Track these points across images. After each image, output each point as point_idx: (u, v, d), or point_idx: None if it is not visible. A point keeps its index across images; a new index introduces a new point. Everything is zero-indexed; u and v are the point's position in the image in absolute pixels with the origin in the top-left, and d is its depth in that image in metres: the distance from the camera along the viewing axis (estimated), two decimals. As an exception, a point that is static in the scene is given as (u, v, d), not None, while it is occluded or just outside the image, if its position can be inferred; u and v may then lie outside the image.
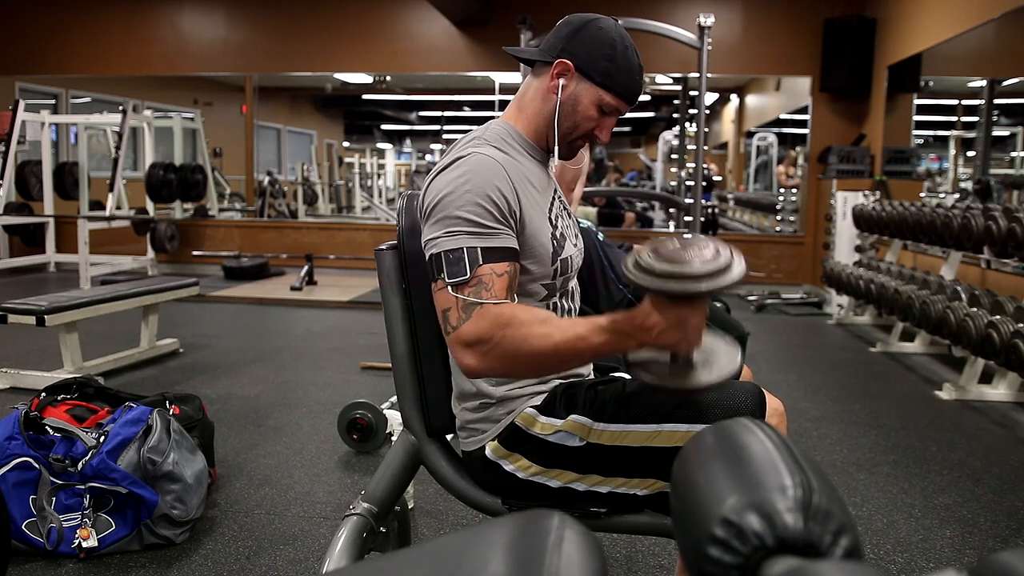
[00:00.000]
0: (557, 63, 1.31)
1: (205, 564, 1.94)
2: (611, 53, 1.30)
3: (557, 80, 1.32)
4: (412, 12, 7.47)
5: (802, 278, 7.08)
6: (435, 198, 1.24)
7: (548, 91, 1.34)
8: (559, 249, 1.34)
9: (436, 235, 1.23)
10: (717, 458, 0.63)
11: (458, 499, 1.45)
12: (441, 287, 1.22)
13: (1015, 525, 2.26)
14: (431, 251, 1.24)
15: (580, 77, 1.31)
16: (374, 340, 4.56)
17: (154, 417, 2.09)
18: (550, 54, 1.33)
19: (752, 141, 10.15)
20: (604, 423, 1.29)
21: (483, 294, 1.19)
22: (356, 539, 1.36)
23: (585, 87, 1.32)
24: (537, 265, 1.30)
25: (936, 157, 7.72)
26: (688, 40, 4.85)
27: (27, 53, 8.02)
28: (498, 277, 1.21)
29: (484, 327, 1.17)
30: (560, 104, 1.33)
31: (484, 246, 1.21)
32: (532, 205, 1.30)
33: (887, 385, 3.83)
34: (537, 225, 1.30)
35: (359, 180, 10.97)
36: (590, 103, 1.32)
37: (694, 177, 4.99)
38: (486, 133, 1.35)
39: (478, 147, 1.29)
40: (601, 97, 1.32)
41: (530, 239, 1.29)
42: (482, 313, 1.18)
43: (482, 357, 1.18)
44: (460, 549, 0.52)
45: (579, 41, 1.31)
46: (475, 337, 1.17)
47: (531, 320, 1.17)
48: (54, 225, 7.29)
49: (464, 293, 1.19)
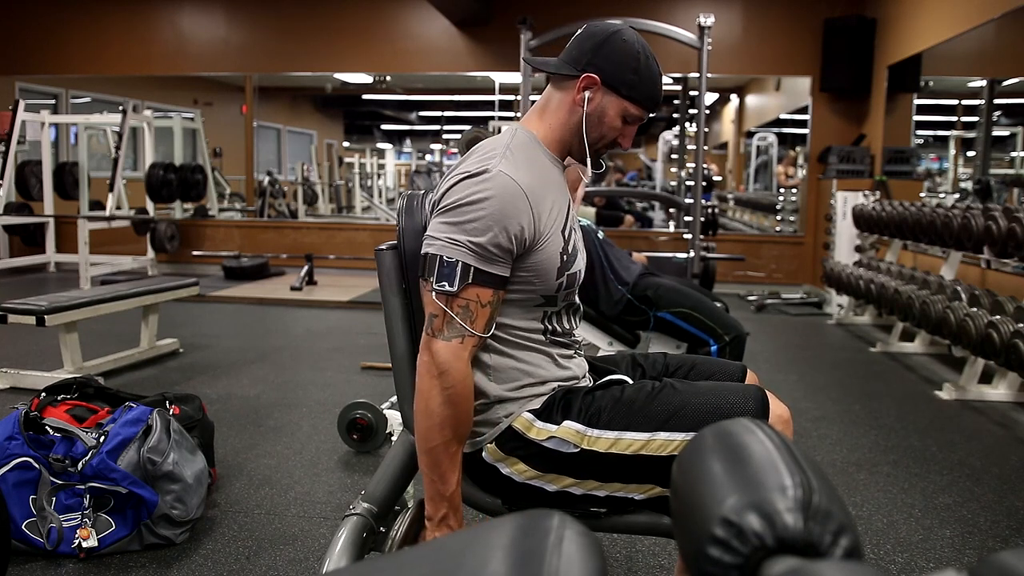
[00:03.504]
0: (584, 77, 1.32)
1: (205, 564, 1.94)
2: (636, 66, 1.32)
3: (583, 93, 1.34)
4: (412, 12, 7.46)
5: (802, 278, 7.08)
6: (454, 202, 1.25)
7: (574, 103, 1.35)
8: (568, 264, 1.34)
9: (439, 237, 1.24)
10: (717, 458, 0.63)
11: (458, 499, 1.44)
12: (427, 289, 1.26)
13: (1015, 525, 2.26)
14: (428, 249, 1.25)
15: (606, 90, 1.33)
16: (374, 340, 4.56)
17: (154, 417, 2.09)
18: (575, 67, 1.34)
19: (752, 141, 10.15)
20: (599, 430, 1.29)
21: (468, 323, 1.24)
22: (356, 539, 1.36)
23: (611, 99, 1.34)
24: (540, 279, 1.31)
25: (936, 157, 7.72)
26: (688, 40, 4.85)
27: (27, 53, 8.02)
28: (482, 308, 1.25)
29: (452, 365, 1.24)
30: (587, 116, 1.35)
31: (479, 267, 1.23)
32: (550, 223, 1.31)
33: (887, 385, 3.83)
34: (553, 244, 1.31)
35: (359, 180, 10.97)
36: (616, 114, 1.35)
37: (694, 177, 4.99)
38: (513, 142, 1.34)
39: (507, 165, 1.27)
40: (626, 108, 1.35)
41: (542, 255, 1.30)
42: (460, 353, 1.24)
43: (431, 377, 1.24)
44: (460, 549, 0.52)
45: (605, 55, 1.32)
46: (443, 364, 1.24)
47: (466, 413, 1.27)
48: (54, 225, 7.29)
49: (452, 309, 1.23)
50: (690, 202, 5.04)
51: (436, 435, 1.25)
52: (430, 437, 1.26)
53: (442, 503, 1.29)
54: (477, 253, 1.22)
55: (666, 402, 1.30)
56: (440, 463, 1.27)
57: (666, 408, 1.29)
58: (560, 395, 1.34)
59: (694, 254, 4.90)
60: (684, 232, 5.96)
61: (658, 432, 1.27)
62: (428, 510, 1.31)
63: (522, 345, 1.35)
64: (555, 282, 1.32)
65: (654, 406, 1.29)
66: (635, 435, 1.28)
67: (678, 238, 6.73)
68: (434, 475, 1.28)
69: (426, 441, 1.27)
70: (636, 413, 1.29)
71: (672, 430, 1.27)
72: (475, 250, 1.22)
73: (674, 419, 1.27)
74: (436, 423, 1.25)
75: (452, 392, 1.24)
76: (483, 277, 1.24)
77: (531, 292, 1.32)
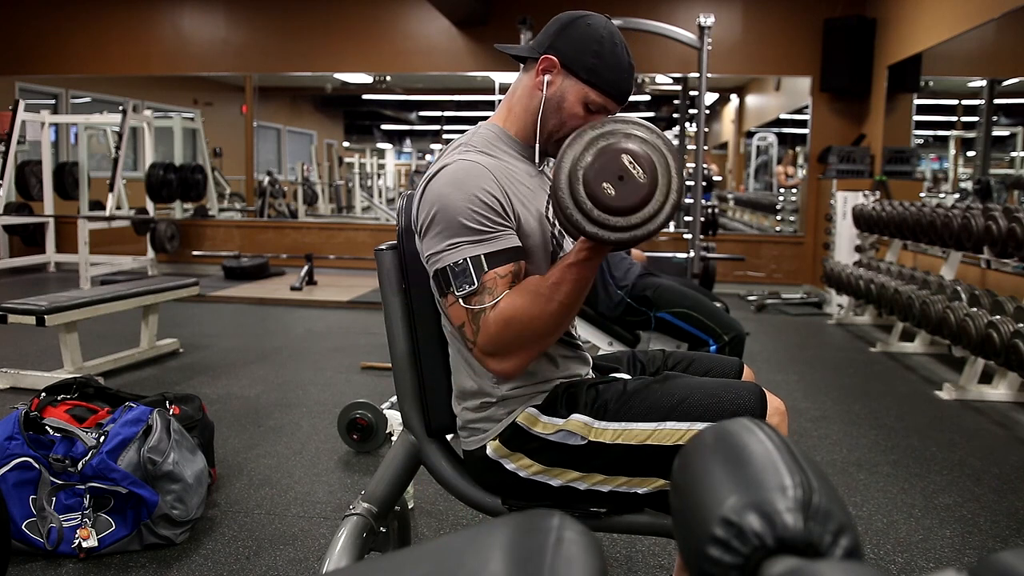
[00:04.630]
0: (542, 59, 1.30)
1: (205, 564, 1.94)
2: (598, 49, 1.28)
3: (542, 76, 1.31)
4: (412, 12, 7.47)
5: (802, 278, 7.08)
6: (429, 212, 1.24)
7: (534, 88, 1.32)
8: (558, 248, 1.34)
9: (438, 249, 1.23)
10: (717, 458, 0.63)
11: (458, 499, 1.45)
12: (452, 302, 1.22)
13: (1015, 525, 2.26)
14: (436, 267, 1.23)
15: (566, 73, 1.30)
16: (374, 340, 4.56)
17: (154, 417, 2.09)
18: (537, 50, 1.31)
19: (752, 141, 10.15)
20: (605, 422, 1.29)
21: (486, 299, 1.20)
22: (356, 539, 1.36)
23: (571, 84, 1.30)
24: (533, 265, 1.30)
25: (936, 157, 7.73)
26: (688, 40, 4.85)
27: (27, 53, 8.02)
28: (501, 279, 1.21)
29: (492, 333, 1.19)
30: (545, 101, 1.31)
31: (486, 252, 1.21)
32: (524, 205, 1.29)
33: (887, 385, 3.83)
34: (532, 226, 1.30)
35: (359, 180, 10.97)
36: (576, 100, 1.30)
37: (694, 177, 4.99)
38: (472, 139, 1.34)
39: (463, 154, 1.28)
40: (587, 94, 1.30)
41: (530, 242, 1.29)
42: (486, 321, 1.20)
43: (506, 360, 1.21)
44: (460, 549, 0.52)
45: (566, 37, 1.29)
46: (491, 346, 1.20)
47: (527, 302, 1.20)
48: (54, 225, 7.29)
49: (472, 304, 1.21)
50: (690, 202, 5.05)
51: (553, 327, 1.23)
52: (561, 327, 1.25)
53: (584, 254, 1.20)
54: (476, 240, 1.21)
55: (671, 393, 1.30)
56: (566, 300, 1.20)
57: (671, 398, 1.29)
58: (563, 389, 1.34)
59: (694, 254, 4.90)
60: (684, 232, 5.96)
61: (664, 422, 1.27)
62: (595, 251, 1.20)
63: None
64: (548, 266, 1.31)
65: (659, 396, 1.30)
66: (642, 425, 1.28)
67: (678, 238, 6.73)
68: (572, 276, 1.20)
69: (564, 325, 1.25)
70: (642, 404, 1.29)
71: (678, 419, 1.27)
72: (473, 238, 1.21)
73: (679, 408, 1.28)
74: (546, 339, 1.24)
75: (516, 343, 1.21)
76: (495, 258, 1.21)
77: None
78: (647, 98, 10.21)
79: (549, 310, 1.19)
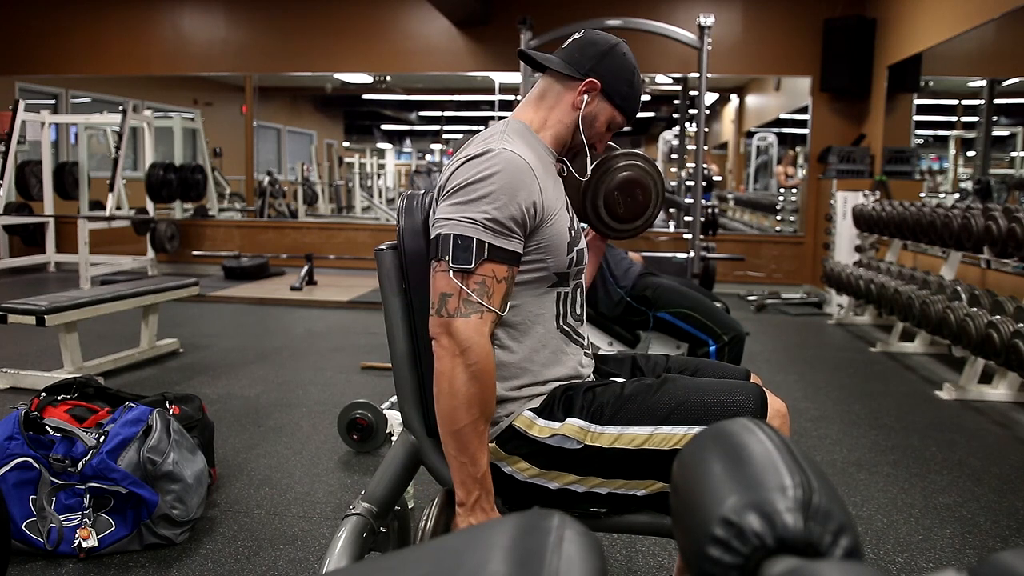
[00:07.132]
0: (588, 82, 1.40)
1: (205, 564, 1.94)
2: (631, 79, 1.43)
3: (583, 96, 1.40)
4: (412, 12, 7.47)
5: (802, 278, 7.08)
6: (461, 182, 1.26)
7: (574, 104, 1.41)
8: (577, 239, 1.38)
9: (451, 217, 1.25)
10: (717, 458, 0.63)
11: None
12: (443, 269, 1.24)
13: (1015, 525, 2.27)
14: (440, 230, 1.25)
15: (603, 97, 1.41)
16: (374, 340, 4.56)
17: (154, 417, 2.09)
18: (578, 70, 1.40)
19: (752, 141, 10.15)
20: (602, 425, 1.30)
21: (485, 299, 1.22)
22: (356, 539, 1.36)
23: (604, 106, 1.42)
24: (553, 257, 1.33)
25: (936, 157, 7.73)
26: (688, 40, 4.85)
27: (27, 53, 8.02)
28: (498, 283, 1.24)
29: (475, 340, 1.22)
30: (582, 118, 1.42)
31: (494, 243, 1.23)
32: (555, 200, 1.34)
33: (887, 385, 3.83)
34: (561, 218, 1.34)
35: (359, 180, 10.97)
36: (605, 120, 1.44)
37: (694, 177, 4.99)
38: (508, 129, 1.37)
39: (508, 143, 1.30)
40: (614, 116, 1.44)
41: (552, 230, 1.32)
42: (481, 328, 1.22)
43: (453, 356, 1.22)
44: (460, 549, 0.52)
45: (608, 65, 1.41)
46: (465, 341, 1.21)
47: (491, 390, 1.25)
48: (54, 225, 7.29)
49: (468, 285, 1.22)
50: (690, 202, 5.05)
51: (463, 415, 1.22)
52: (457, 418, 1.22)
53: (474, 486, 1.25)
54: (491, 229, 1.23)
55: (668, 396, 1.30)
56: (469, 444, 1.23)
57: (669, 402, 1.29)
58: (560, 392, 1.35)
59: (694, 254, 4.90)
60: (684, 232, 5.96)
61: (661, 426, 1.28)
62: (459, 496, 1.26)
63: (532, 331, 1.34)
64: (566, 257, 1.34)
65: (656, 400, 1.30)
66: (638, 429, 1.28)
67: (678, 238, 6.73)
68: (463, 457, 1.24)
69: (452, 423, 1.23)
70: (639, 407, 1.30)
71: (675, 423, 1.28)
72: (489, 225, 1.23)
73: (677, 412, 1.28)
74: (462, 402, 1.22)
75: (477, 368, 1.21)
76: (498, 253, 1.24)
77: (544, 270, 1.33)
78: (647, 98, 10.21)
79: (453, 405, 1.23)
